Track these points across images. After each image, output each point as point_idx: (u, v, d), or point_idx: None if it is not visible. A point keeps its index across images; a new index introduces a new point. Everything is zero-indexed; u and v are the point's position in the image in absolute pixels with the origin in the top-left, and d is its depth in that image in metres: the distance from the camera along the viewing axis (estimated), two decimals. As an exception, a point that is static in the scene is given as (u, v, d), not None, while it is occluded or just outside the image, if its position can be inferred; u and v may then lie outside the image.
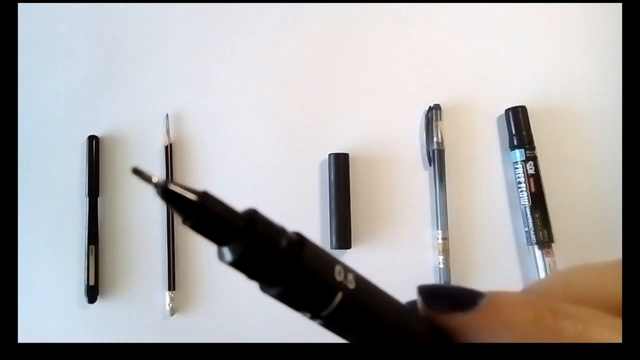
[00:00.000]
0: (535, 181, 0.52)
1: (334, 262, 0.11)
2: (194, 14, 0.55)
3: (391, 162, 0.53)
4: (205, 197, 0.10)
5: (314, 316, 0.11)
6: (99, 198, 0.52)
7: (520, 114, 0.53)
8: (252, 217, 0.10)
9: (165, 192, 0.10)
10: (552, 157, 0.54)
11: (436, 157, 0.53)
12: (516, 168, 0.52)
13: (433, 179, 0.53)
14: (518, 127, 0.53)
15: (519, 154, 0.52)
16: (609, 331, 0.12)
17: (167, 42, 0.54)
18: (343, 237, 0.51)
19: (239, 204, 0.56)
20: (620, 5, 0.54)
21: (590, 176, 0.54)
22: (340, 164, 0.51)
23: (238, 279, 0.56)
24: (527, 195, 0.52)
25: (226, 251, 0.10)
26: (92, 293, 0.50)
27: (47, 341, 0.50)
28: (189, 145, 0.53)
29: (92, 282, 0.50)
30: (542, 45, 0.56)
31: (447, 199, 0.52)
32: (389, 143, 0.54)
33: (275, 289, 0.10)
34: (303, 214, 0.53)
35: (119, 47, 0.54)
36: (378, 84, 0.55)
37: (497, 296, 0.13)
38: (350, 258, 0.52)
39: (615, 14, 0.55)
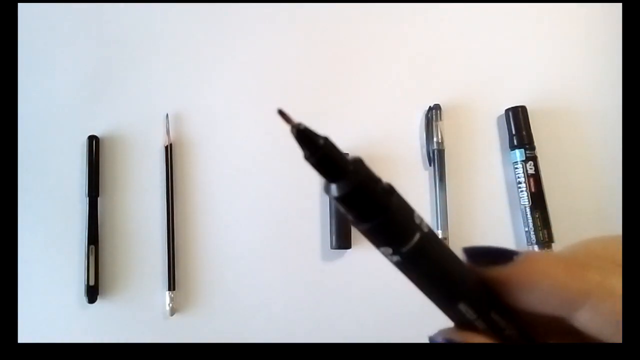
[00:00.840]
0: (535, 181, 0.52)
1: (413, 209, 0.13)
2: (194, 14, 0.55)
3: (391, 162, 0.53)
4: (327, 141, 0.13)
5: (395, 252, 0.14)
6: (99, 198, 0.52)
7: (520, 114, 0.53)
8: (359, 164, 0.13)
9: (299, 131, 0.13)
10: (552, 157, 0.54)
11: (436, 157, 0.53)
12: (516, 168, 0.52)
13: (433, 179, 0.53)
14: (518, 127, 0.53)
15: (519, 154, 0.52)
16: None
17: (167, 42, 0.54)
18: (343, 237, 0.51)
19: (239, 204, 0.56)
20: (620, 5, 0.54)
21: (590, 176, 0.54)
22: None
23: (238, 279, 0.56)
24: (527, 195, 0.52)
25: (334, 187, 0.13)
26: (92, 293, 0.50)
27: (47, 341, 0.50)
28: (189, 145, 0.53)
29: (92, 282, 0.50)
30: (542, 45, 0.56)
31: (447, 199, 0.52)
32: (389, 143, 0.54)
33: (367, 224, 0.13)
34: (303, 214, 0.53)
35: (119, 47, 0.54)
36: (378, 84, 0.55)
37: (531, 253, 0.15)
38: (350, 258, 0.52)
39: (615, 14, 0.55)
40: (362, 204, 0.13)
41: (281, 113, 0.14)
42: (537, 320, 0.15)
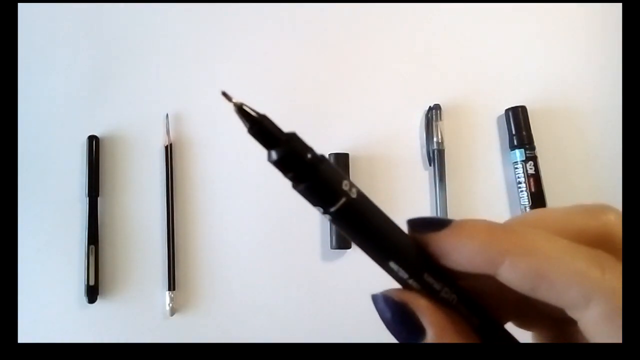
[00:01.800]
0: (535, 181, 0.52)
1: (342, 177, 0.16)
2: (194, 14, 0.55)
3: (391, 162, 0.53)
4: (264, 116, 0.16)
5: (325, 211, 0.16)
6: (99, 198, 0.52)
7: (520, 114, 0.53)
8: (292, 136, 0.16)
9: (239, 108, 0.16)
10: (552, 157, 0.54)
11: (436, 157, 0.53)
12: (516, 168, 0.53)
13: (433, 179, 0.53)
14: (518, 127, 0.53)
15: (519, 154, 0.52)
16: (545, 243, 0.15)
17: (167, 42, 0.54)
18: (343, 237, 0.51)
19: (239, 204, 0.56)
20: (620, 5, 0.54)
21: (590, 176, 0.54)
22: (340, 164, 0.51)
23: (238, 279, 0.56)
24: (527, 195, 0.52)
25: (272, 154, 0.16)
26: (92, 293, 0.50)
27: (47, 341, 0.50)
28: (189, 145, 0.53)
29: (92, 282, 0.50)
30: (542, 45, 0.56)
31: (447, 199, 0.52)
32: (389, 143, 0.54)
33: (300, 186, 0.15)
34: (303, 214, 0.53)
35: (119, 47, 0.54)
36: (378, 84, 0.55)
37: (463, 220, 0.16)
38: (350, 258, 0.52)
39: (615, 14, 0.55)
40: (293, 168, 0.15)
41: (224, 94, 0.16)
42: (474, 283, 0.17)
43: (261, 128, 0.16)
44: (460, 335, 0.16)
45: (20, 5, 0.53)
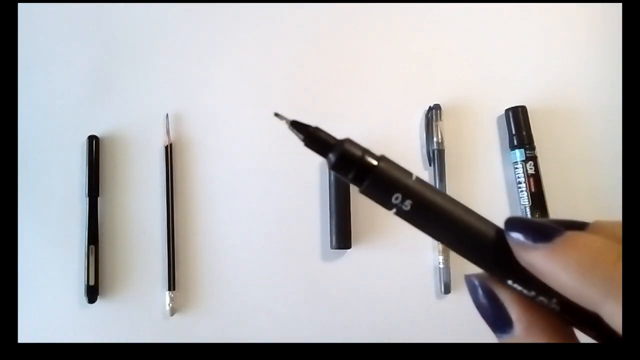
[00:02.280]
0: (535, 181, 0.52)
1: (394, 190, 0.15)
2: (194, 14, 0.55)
3: (391, 162, 0.53)
4: (316, 127, 0.17)
5: (390, 209, 0.16)
6: (99, 198, 0.52)
7: (520, 114, 0.53)
8: (344, 140, 0.16)
9: (292, 123, 0.17)
10: (552, 157, 0.54)
11: (436, 157, 0.53)
12: (516, 168, 0.52)
13: (433, 179, 0.53)
14: (518, 127, 0.53)
15: (519, 154, 0.52)
16: None
17: (167, 42, 0.54)
18: (343, 237, 0.51)
19: (239, 204, 0.56)
20: (620, 5, 0.54)
21: (590, 176, 0.54)
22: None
23: (238, 279, 0.56)
24: (527, 195, 0.52)
25: (328, 159, 0.16)
26: (92, 293, 0.50)
27: (47, 341, 0.50)
28: (189, 145, 0.53)
29: (92, 282, 0.50)
30: (542, 45, 0.56)
31: (447, 199, 0.52)
32: (389, 143, 0.54)
33: (359, 187, 0.16)
34: (303, 214, 0.53)
35: (119, 47, 0.54)
36: (378, 84, 0.55)
37: (572, 234, 0.13)
38: (350, 258, 0.52)
39: (615, 14, 0.55)
40: (348, 169, 0.16)
41: (277, 115, 0.17)
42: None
43: (314, 137, 0.16)
44: (553, 337, 0.14)
45: (20, 5, 0.53)
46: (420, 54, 0.55)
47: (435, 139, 0.53)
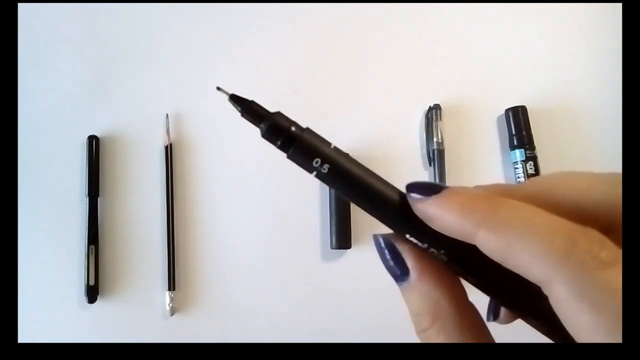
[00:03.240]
0: (535, 181, 0.52)
1: (314, 155, 0.18)
2: (194, 14, 0.55)
3: (391, 162, 0.53)
4: (253, 101, 0.19)
5: (310, 173, 0.18)
6: (99, 198, 0.52)
7: (520, 114, 0.53)
8: (276, 113, 0.19)
9: (231, 96, 0.19)
10: (552, 157, 0.54)
11: (436, 157, 0.53)
12: (516, 168, 0.52)
13: (433, 179, 0.53)
14: (518, 127, 0.53)
15: (519, 154, 0.52)
16: (520, 217, 0.15)
17: (167, 42, 0.54)
18: (343, 237, 0.51)
19: (239, 204, 0.56)
20: (620, 5, 0.54)
21: (590, 176, 0.54)
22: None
23: (238, 279, 0.56)
24: (527, 195, 0.51)
25: (261, 128, 0.18)
26: (92, 293, 0.50)
27: (47, 341, 0.50)
28: (189, 145, 0.53)
29: (92, 282, 0.50)
30: (542, 45, 0.56)
31: (447, 199, 0.52)
32: (389, 143, 0.54)
33: (287, 154, 0.18)
34: (303, 214, 0.53)
35: (119, 47, 0.54)
36: (378, 84, 0.55)
37: (453, 188, 0.17)
38: (350, 258, 0.52)
39: (615, 14, 0.55)
40: (277, 137, 0.18)
41: (219, 88, 0.20)
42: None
43: (250, 109, 0.19)
44: (440, 282, 0.17)
45: (20, 5, 0.53)
46: (420, 54, 0.55)
47: (435, 139, 0.53)
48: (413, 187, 0.18)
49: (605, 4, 0.56)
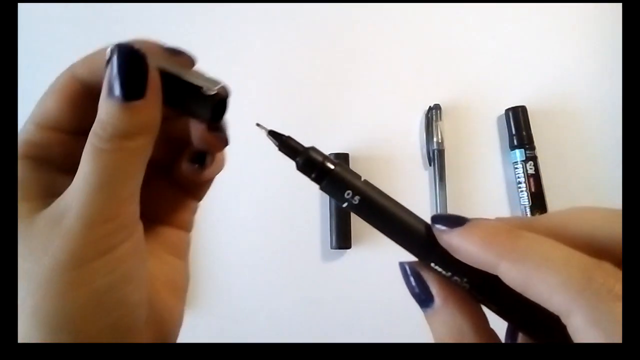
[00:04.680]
0: (535, 181, 0.52)
1: (345, 188, 0.19)
2: (194, 14, 0.55)
3: (391, 162, 0.53)
4: (289, 137, 0.20)
5: (341, 205, 0.19)
6: (99, 198, 0.51)
7: (520, 114, 0.53)
8: (310, 148, 0.19)
9: (270, 132, 0.20)
10: (552, 157, 0.54)
11: (436, 157, 0.53)
12: (516, 168, 0.52)
13: (433, 179, 0.53)
14: (518, 127, 0.53)
15: (519, 154, 0.52)
16: (539, 250, 0.15)
17: (166, 42, 0.54)
18: (343, 237, 0.51)
19: (239, 204, 0.56)
20: (620, 5, 0.54)
21: (590, 176, 0.54)
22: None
23: (238, 279, 0.55)
24: (527, 195, 0.52)
25: (296, 162, 0.19)
26: (92, 293, 0.50)
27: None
28: (189, 145, 0.53)
29: (92, 282, 0.50)
30: (541, 45, 0.56)
31: (447, 199, 0.52)
32: (389, 143, 0.54)
33: (318, 185, 0.19)
34: (303, 214, 0.53)
35: (119, 47, 0.54)
36: (378, 84, 0.55)
37: (476, 220, 0.18)
38: (350, 258, 0.52)
39: (615, 14, 0.55)
40: (311, 171, 0.19)
41: (258, 125, 0.21)
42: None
43: (286, 144, 0.20)
44: (463, 309, 0.18)
45: (20, 5, 0.53)
46: (420, 54, 0.55)
47: (435, 139, 0.53)
48: (438, 219, 0.19)
49: (605, 4, 0.56)
